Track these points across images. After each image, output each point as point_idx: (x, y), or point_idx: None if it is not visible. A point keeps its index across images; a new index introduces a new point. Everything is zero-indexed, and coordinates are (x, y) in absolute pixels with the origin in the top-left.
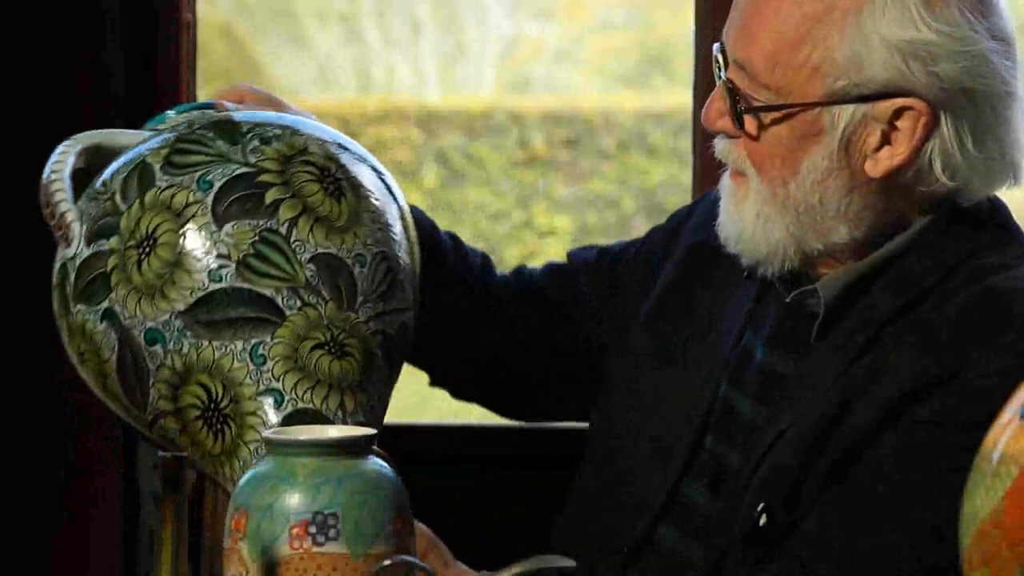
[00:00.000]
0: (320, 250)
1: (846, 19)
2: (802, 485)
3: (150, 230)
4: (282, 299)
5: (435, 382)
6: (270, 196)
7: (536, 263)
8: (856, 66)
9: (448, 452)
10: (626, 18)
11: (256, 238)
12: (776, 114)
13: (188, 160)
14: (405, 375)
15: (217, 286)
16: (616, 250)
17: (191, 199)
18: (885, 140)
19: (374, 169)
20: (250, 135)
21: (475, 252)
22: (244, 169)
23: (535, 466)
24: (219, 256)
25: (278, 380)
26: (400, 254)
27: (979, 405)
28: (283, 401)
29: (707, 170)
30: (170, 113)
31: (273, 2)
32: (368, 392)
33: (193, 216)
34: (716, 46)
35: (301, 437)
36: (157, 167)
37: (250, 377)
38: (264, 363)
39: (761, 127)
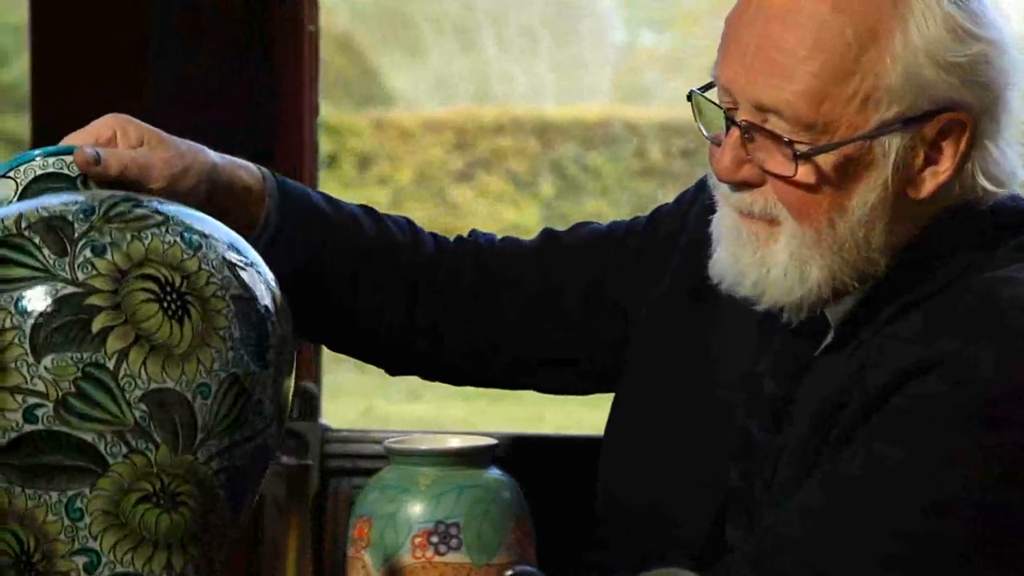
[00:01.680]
0: (153, 386)
1: (892, 42)
2: None
3: None
4: (105, 445)
5: (397, 372)
6: (98, 323)
7: None
8: (908, 90)
9: (564, 463)
10: None
11: (79, 374)
12: (829, 155)
13: (9, 273)
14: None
15: (32, 428)
16: (622, 230)
17: (8, 324)
18: (928, 160)
19: (238, 256)
20: (83, 242)
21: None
22: (70, 289)
23: None
24: (35, 394)
25: (95, 539)
26: (257, 366)
27: (970, 387)
28: (99, 564)
29: None
30: (36, 153)
31: (391, 12)
32: (203, 542)
33: (9, 344)
34: (696, 91)
35: (422, 447)
36: None
37: (65, 533)
38: (81, 518)
39: (819, 170)
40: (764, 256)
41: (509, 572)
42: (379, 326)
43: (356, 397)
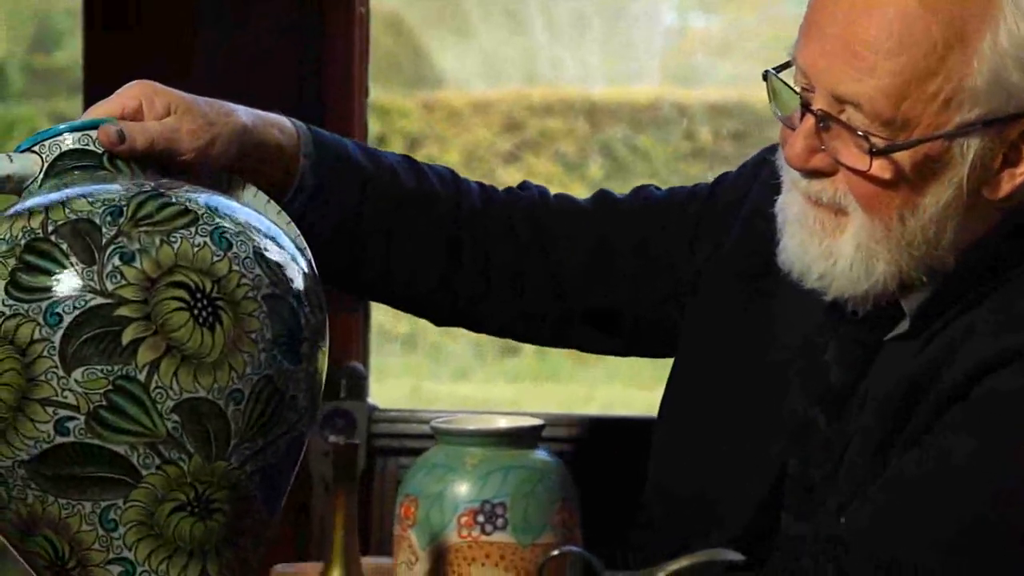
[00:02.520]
0: (186, 395)
1: (980, 44)
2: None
3: None
4: (138, 457)
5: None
6: (128, 335)
7: None
8: (993, 94)
9: (611, 444)
10: (794, 8)
11: (110, 387)
12: (906, 152)
13: (36, 282)
14: (575, 367)
15: (63, 440)
16: (683, 195)
17: (37, 335)
18: (1007, 161)
19: (271, 245)
20: (111, 249)
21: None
22: (99, 300)
23: None
24: (66, 406)
25: (130, 549)
26: (291, 364)
27: None
28: (134, 573)
29: None
30: (61, 128)
31: None
32: (238, 545)
33: (39, 356)
34: (772, 72)
35: (469, 427)
36: (1, 285)
37: (99, 543)
38: (115, 529)
39: (894, 167)
40: (830, 247)
41: (555, 552)
42: (419, 280)
43: (403, 377)
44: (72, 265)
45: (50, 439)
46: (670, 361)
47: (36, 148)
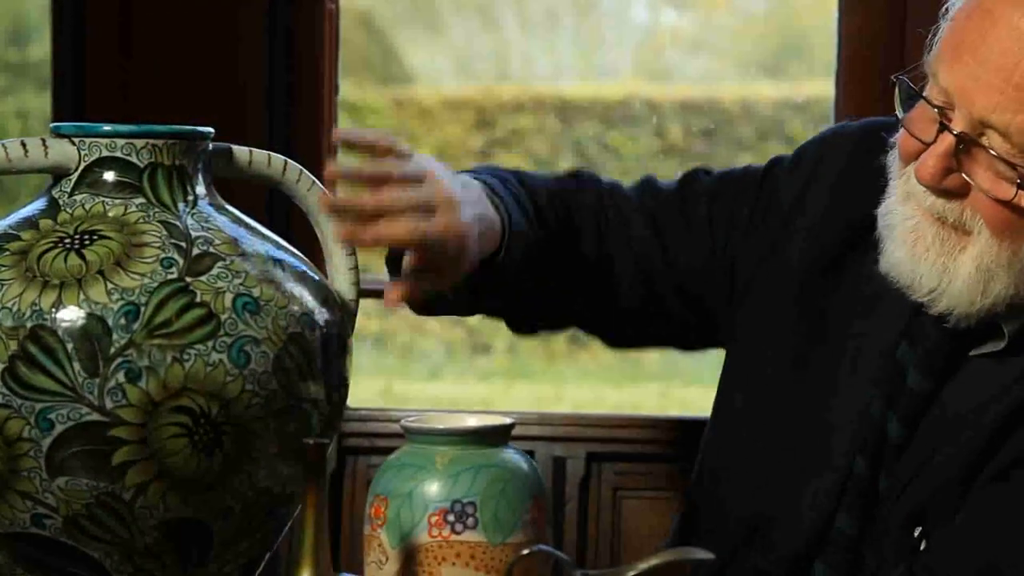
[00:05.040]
0: (170, 516)
1: None
2: (960, 506)
3: None
4: (111, 563)
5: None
6: (119, 456)
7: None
8: None
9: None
10: (765, 6)
11: (92, 500)
12: None
13: (34, 379)
14: (546, 366)
15: (38, 531)
16: (734, 181)
17: (26, 434)
18: None
19: (301, 316)
20: (118, 362)
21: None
22: (95, 416)
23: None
24: (45, 505)
25: None
26: (294, 470)
27: None
28: None
29: None
30: (104, 128)
31: None
32: None
33: (24, 454)
34: (903, 77)
35: (439, 426)
36: (0, 367)
37: None
38: None
39: None
40: (947, 265)
41: (525, 551)
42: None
43: (375, 376)
44: (74, 373)
45: (25, 526)
46: (640, 358)
47: (76, 141)
